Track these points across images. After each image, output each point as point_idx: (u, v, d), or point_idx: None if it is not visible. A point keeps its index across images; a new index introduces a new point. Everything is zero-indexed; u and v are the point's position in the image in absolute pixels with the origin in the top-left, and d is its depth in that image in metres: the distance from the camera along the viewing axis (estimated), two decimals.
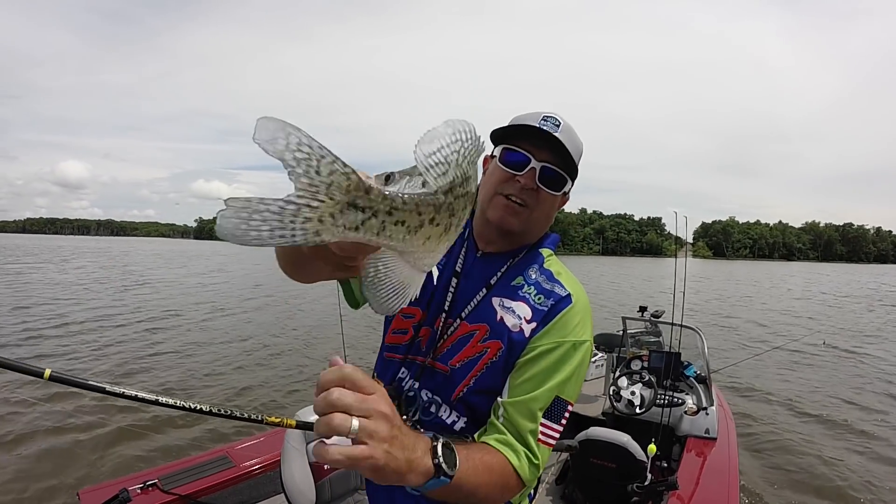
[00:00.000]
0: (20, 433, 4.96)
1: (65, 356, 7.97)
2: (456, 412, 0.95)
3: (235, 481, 2.52)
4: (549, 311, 0.95)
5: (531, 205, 0.95)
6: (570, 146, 0.94)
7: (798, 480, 4.63)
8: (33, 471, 4.23)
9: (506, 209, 0.96)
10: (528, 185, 0.94)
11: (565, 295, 0.97)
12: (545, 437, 0.90)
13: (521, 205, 0.95)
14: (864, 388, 7.92)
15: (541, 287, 0.98)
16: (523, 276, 1.00)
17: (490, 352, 0.93)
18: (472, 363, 0.94)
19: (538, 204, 0.96)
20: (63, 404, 5.79)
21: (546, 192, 0.95)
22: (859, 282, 41.26)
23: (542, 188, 0.95)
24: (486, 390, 0.93)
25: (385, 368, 1.04)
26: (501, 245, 1.02)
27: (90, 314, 11.77)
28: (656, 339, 4.43)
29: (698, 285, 28.73)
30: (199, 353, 8.44)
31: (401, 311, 1.02)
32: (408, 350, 1.01)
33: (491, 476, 0.80)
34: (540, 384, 0.89)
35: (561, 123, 0.94)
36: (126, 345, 8.84)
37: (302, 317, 12.62)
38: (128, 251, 54.50)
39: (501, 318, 0.95)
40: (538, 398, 0.89)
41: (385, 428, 0.59)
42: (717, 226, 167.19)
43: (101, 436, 4.96)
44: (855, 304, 21.58)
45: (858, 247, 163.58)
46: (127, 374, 7.22)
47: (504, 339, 0.93)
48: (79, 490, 2.23)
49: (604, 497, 2.90)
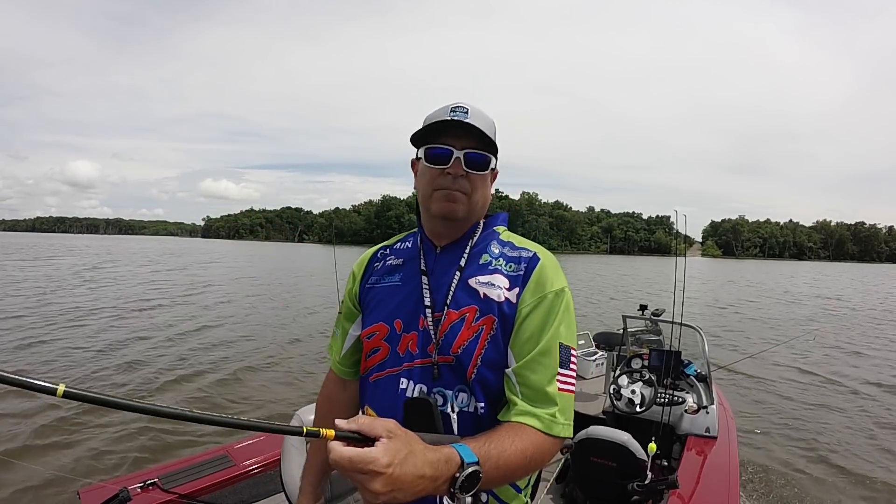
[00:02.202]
0: (20, 432, 5.01)
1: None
2: (475, 396, 0.98)
3: (235, 480, 2.53)
4: (525, 274, 1.01)
5: (467, 190, 1.02)
6: (482, 126, 1.00)
7: (799, 479, 4.60)
8: (33, 470, 4.27)
9: (446, 200, 1.01)
10: (458, 173, 1.00)
11: (532, 255, 1.04)
12: (564, 384, 0.95)
13: (460, 191, 1.01)
14: (864, 388, 7.86)
15: (508, 256, 1.05)
16: (487, 253, 1.06)
17: (486, 327, 0.98)
18: (473, 343, 0.98)
19: (473, 187, 1.03)
20: (62, 403, 5.85)
21: (475, 174, 1.02)
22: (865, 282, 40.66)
23: (471, 172, 1.01)
24: (495, 365, 0.98)
25: (382, 389, 1.05)
26: (453, 234, 1.08)
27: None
28: (657, 337, 4.41)
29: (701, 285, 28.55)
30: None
31: (364, 334, 1.09)
32: (398, 361, 1.03)
33: (524, 457, 0.86)
34: (540, 339, 0.95)
35: (468, 109, 1.01)
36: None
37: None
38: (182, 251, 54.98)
39: (485, 295, 1.00)
40: (544, 351, 0.95)
41: (380, 484, 0.68)
42: (726, 224, 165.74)
43: (101, 435, 5.01)
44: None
45: (870, 246, 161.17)
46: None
47: (494, 311, 0.98)
48: (79, 489, 2.25)
49: (604, 496, 2.89)
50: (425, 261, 1.08)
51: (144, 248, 66.81)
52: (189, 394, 6.47)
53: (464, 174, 1.01)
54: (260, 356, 8.54)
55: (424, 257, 1.09)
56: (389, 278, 1.11)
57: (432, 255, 1.09)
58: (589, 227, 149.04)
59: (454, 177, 1.01)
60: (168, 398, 6.31)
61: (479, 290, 1.01)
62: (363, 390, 1.12)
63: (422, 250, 1.10)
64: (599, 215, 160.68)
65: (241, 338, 10.01)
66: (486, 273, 1.03)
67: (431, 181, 1.03)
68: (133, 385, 6.73)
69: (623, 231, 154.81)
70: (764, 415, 6.35)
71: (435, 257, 1.08)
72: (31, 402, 5.83)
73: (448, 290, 1.02)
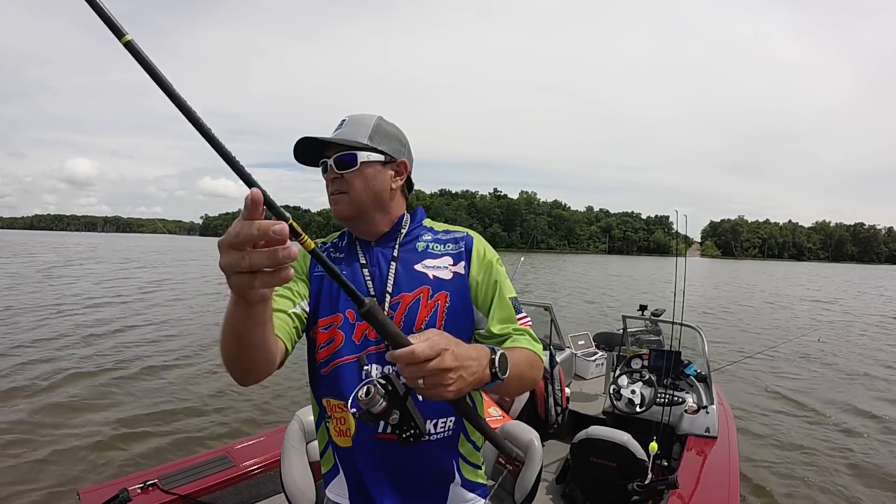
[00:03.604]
0: (20, 432, 5.00)
1: None
2: None
3: (235, 481, 2.53)
4: (465, 250, 1.16)
5: (345, 188, 1.11)
6: (345, 129, 1.11)
7: (799, 479, 4.61)
8: (33, 470, 4.27)
9: (332, 202, 1.12)
10: (332, 176, 1.11)
11: (465, 235, 1.19)
12: (523, 322, 1.16)
13: (338, 192, 1.11)
14: (864, 387, 7.87)
15: (442, 240, 1.18)
16: (421, 240, 1.19)
17: (441, 302, 1.09)
18: (433, 318, 1.08)
19: (350, 184, 1.10)
20: (63, 403, 5.86)
21: (346, 172, 1.10)
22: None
23: (343, 172, 1.10)
24: (456, 333, 1.01)
25: (343, 377, 1.08)
26: (367, 228, 1.16)
27: None
28: (656, 337, 4.43)
29: (701, 285, 28.59)
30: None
31: (319, 326, 1.12)
32: (356, 348, 1.08)
33: (528, 363, 1.04)
34: (501, 299, 1.13)
35: (346, 120, 1.14)
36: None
37: None
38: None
39: (434, 276, 1.12)
40: (503, 302, 1.13)
41: (451, 358, 0.77)
42: (725, 225, 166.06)
43: (102, 435, 5.00)
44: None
45: (870, 247, 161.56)
46: None
47: (447, 287, 1.11)
48: (79, 489, 2.25)
49: (604, 496, 2.89)
50: (363, 253, 1.17)
51: (136, 245, 66.25)
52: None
53: (338, 176, 1.10)
54: (165, 357, 8.22)
55: (361, 251, 1.17)
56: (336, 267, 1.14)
57: (367, 247, 1.18)
58: (588, 227, 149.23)
59: (331, 181, 1.12)
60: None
61: (426, 272, 1.12)
62: (316, 384, 1.15)
63: (358, 245, 1.18)
64: (598, 215, 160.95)
65: (163, 337, 9.73)
66: (432, 257, 1.15)
67: (327, 191, 1.14)
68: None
69: (622, 231, 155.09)
70: (765, 414, 6.35)
71: (370, 250, 1.17)
72: (31, 402, 5.84)
73: (395, 278, 1.12)
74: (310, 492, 2.17)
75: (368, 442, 1.08)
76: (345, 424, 1.10)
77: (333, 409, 1.12)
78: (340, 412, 1.11)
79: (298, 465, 2.17)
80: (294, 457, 2.17)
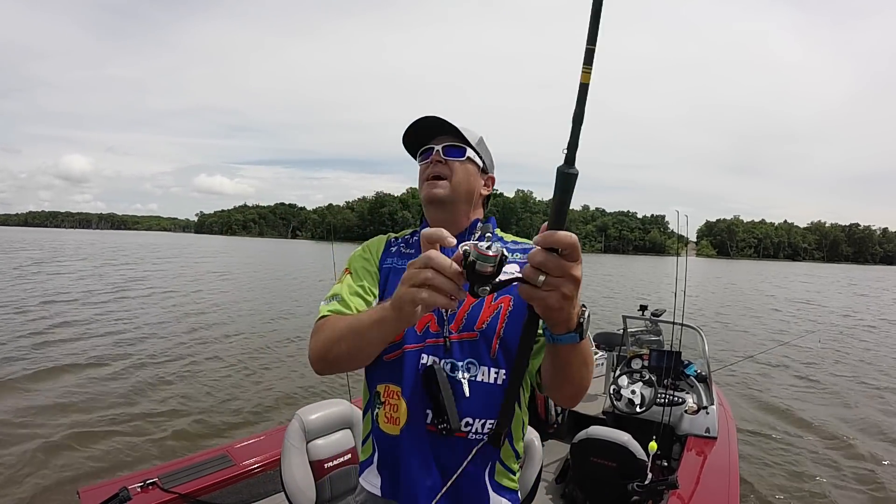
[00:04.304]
0: (20, 432, 4.98)
1: None
2: (495, 368, 1.11)
3: (235, 480, 2.53)
4: None
5: (446, 174, 1.17)
6: (451, 121, 1.16)
7: (799, 479, 4.62)
8: (33, 470, 4.25)
9: (429, 185, 1.17)
10: (436, 159, 1.17)
11: (532, 247, 1.10)
12: None
13: (438, 177, 1.16)
14: (864, 386, 7.90)
15: (511, 249, 1.20)
16: None
17: (504, 306, 1.11)
18: (494, 320, 1.11)
19: (452, 172, 1.17)
20: (63, 402, 5.83)
21: (452, 160, 1.17)
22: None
23: (448, 159, 1.17)
24: (515, 337, 1.10)
25: (401, 367, 1.12)
26: (450, 219, 1.20)
27: None
28: (657, 338, 4.43)
29: (699, 285, 28.66)
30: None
31: None
32: (417, 338, 1.12)
33: (587, 363, 1.01)
34: None
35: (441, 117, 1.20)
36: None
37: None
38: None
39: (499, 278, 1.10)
40: None
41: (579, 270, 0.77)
42: (721, 224, 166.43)
43: (101, 435, 4.98)
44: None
45: (865, 247, 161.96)
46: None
47: (511, 291, 1.09)
48: (79, 489, 2.24)
49: (604, 496, 2.89)
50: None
51: (125, 242, 65.75)
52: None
53: (442, 160, 1.17)
54: (165, 358, 8.14)
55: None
56: (403, 262, 1.20)
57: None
58: (584, 226, 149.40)
59: (434, 163, 1.17)
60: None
61: None
62: (375, 370, 1.17)
63: None
64: (594, 214, 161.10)
65: (164, 337, 9.66)
66: None
67: (422, 176, 1.19)
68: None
69: (618, 230, 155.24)
70: (765, 414, 6.37)
71: (443, 249, 1.13)
72: (30, 402, 5.81)
73: None
74: (310, 491, 2.16)
75: (417, 432, 1.10)
76: (397, 412, 1.12)
77: (390, 394, 1.13)
78: (396, 399, 1.12)
79: (298, 465, 2.17)
80: (294, 456, 2.17)
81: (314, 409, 2.31)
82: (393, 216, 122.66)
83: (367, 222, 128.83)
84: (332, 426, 2.33)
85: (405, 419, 1.11)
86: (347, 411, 2.40)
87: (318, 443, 2.26)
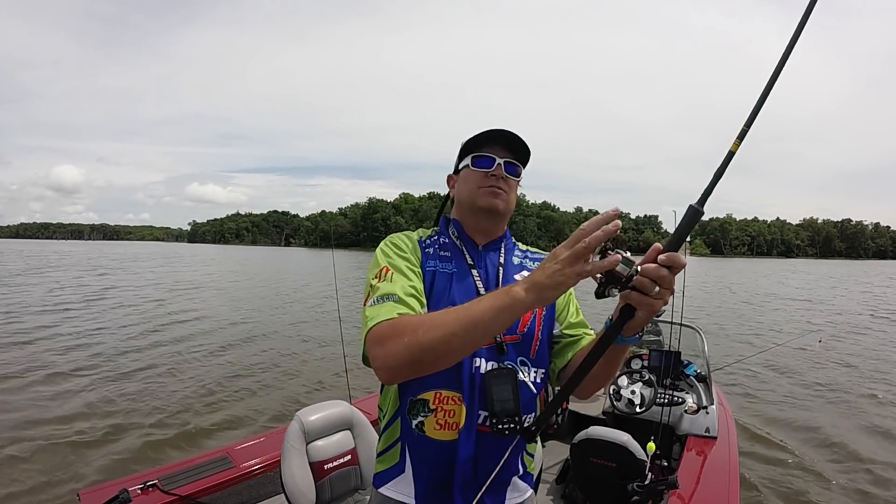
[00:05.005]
0: (20, 433, 4.95)
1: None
2: (535, 368, 1.20)
3: (235, 481, 2.52)
4: None
5: (506, 189, 1.23)
6: (523, 141, 1.22)
7: (798, 479, 4.63)
8: (33, 471, 4.22)
9: (491, 195, 1.22)
10: (500, 174, 1.21)
11: (543, 255, 1.30)
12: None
13: (501, 190, 1.22)
14: (864, 387, 7.94)
15: (531, 258, 1.34)
16: (515, 255, 1.33)
17: (539, 310, 1.21)
18: (532, 324, 1.19)
19: (510, 188, 1.25)
20: (63, 403, 5.80)
21: (511, 178, 1.24)
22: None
23: (509, 177, 1.23)
24: (548, 339, 1.25)
25: (458, 372, 1.11)
26: (492, 230, 1.28)
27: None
28: (656, 337, 4.43)
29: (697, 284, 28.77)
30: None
31: None
32: None
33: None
34: (578, 312, 1.30)
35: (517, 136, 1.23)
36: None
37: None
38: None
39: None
40: (580, 316, 1.30)
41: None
42: (714, 223, 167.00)
43: (102, 435, 4.97)
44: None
45: (857, 243, 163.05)
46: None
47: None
48: (79, 490, 2.23)
49: (604, 496, 2.89)
50: (471, 256, 1.25)
51: (115, 253, 64.90)
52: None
53: (503, 176, 1.22)
54: (166, 358, 8.12)
55: (468, 253, 1.26)
56: (445, 265, 1.22)
57: (475, 251, 1.27)
58: (577, 228, 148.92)
59: (497, 177, 1.21)
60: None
61: None
62: (428, 375, 1.11)
63: (463, 250, 1.26)
64: (588, 215, 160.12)
65: (165, 339, 9.65)
66: (525, 270, 1.28)
67: (477, 181, 1.22)
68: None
69: None
70: (765, 414, 6.39)
71: (478, 254, 1.27)
72: (30, 401, 5.77)
73: (497, 283, 1.22)
74: (310, 492, 2.16)
75: (472, 435, 1.11)
76: (454, 417, 1.10)
77: (444, 400, 1.11)
78: (454, 404, 1.11)
79: (298, 466, 2.16)
80: (294, 457, 2.16)
81: (314, 411, 2.31)
82: (386, 222, 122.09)
83: (361, 228, 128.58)
84: (332, 427, 2.33)
85: (463, 423, 1.10)
86: (347, 412, 2.39)
87: (318, 444, 2.26)
